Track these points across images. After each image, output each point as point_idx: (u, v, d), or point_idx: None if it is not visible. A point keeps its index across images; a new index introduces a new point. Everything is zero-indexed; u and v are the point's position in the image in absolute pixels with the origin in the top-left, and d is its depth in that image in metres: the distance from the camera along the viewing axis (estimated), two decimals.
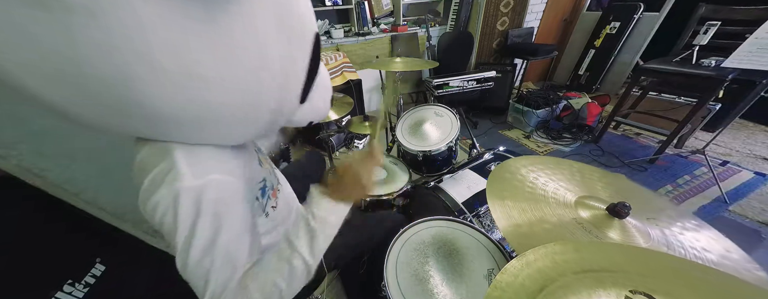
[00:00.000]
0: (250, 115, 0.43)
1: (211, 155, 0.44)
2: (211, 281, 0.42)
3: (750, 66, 1.47)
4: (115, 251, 0.93)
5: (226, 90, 0.37)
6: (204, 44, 0.32)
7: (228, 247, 0.43)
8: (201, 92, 0.35)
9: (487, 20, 2.84)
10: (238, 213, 0.45)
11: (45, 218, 0.83)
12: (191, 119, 0.38)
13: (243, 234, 0.46)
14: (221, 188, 0.42)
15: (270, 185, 0.63)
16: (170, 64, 0.31)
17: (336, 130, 2.02)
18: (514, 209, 0.63)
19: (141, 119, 0.35)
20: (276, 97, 0.45)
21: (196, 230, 0.39)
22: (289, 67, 0.44)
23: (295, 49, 0.44)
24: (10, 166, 0.78)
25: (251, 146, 0.63)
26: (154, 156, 0.42)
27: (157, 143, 0.42)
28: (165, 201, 0.38)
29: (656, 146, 2.23)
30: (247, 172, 0.53)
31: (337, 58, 2.26)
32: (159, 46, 0.29)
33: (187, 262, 0.40)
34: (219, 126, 0.42)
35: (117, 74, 0.29)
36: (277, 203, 0.66)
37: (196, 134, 0.41)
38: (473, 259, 0.72)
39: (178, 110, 0.35)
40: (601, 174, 0.75)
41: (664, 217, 0.63)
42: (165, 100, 0.33)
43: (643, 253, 0.47)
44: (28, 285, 0.74)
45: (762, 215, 1.61)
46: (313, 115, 0.62)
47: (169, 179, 0.39)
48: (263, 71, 0.39)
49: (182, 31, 0.30)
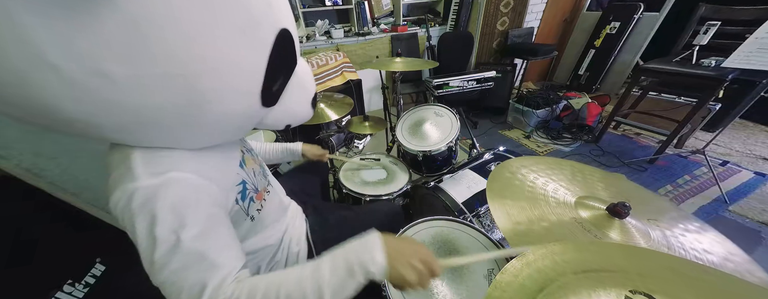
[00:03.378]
0: (192, 119, 0.39)
1: (172, 155, 0.43)
2: (184, 285, 0.38)
3: (750, 66, 1.46)
4: (115, 251, 0.92)
5: (145, 91, 0.33)
6: (100, 39, 0.28)
7: (197, 247, 0.39)
8: (113, 94, 0.31)
9: (487, 20, 2.84)
10: (205, 212, 0.42)
11: (45, 218, 0.83)
12: (115, 124, 0.35)
13: (215, 234, 0.43)
14: (181, 185, 0.40)
15: (253, 188, 0.60)
16: (65, 64, 0.28)
17: (336, 130, 2.02)
18: (514, 209, 0.63)
19: (61, 122, 0.33)
20: (222, 101, 0.40)
21: (156, 229, 0.37)
22: (232, 70, 0.39)
23: (242, 44, 0.38)
24: (10, 166, 0.78)
25: (233, 147, 0.60)
26: (115, 158, 0.41)
27: (119, 147, 0.42)
28: (121, 202, 0.38)
29: (656, 146, 2.23)
30: (219, 173, 0.49)
31: (337, 58, 2.25)
32: (48, 43, 0.27)
33: (153, 264, 0.37)
34: (159, 130, 0.39)
35: (16, 79, 0.28)
36: (264, 206, 0.64)
37: (139, 138, 0.39)
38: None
39: (91, 114, 0.33)
40: (601, 174, 0.75)
41: (665, 218, 0.63)
42: (72, 103, 0.31)
43: (643, 253, 0.47)
44: (28, 284, 0.74)
45: (762, 215, 1.60)
46: (288, 118, 0.58)
47: (126, 180, 0.38)
48: (191, 69, 0.35)
49: (68, 24, 0.27)
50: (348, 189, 1.12)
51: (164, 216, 0.37)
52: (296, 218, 0.82)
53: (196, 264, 0.39)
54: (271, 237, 0.68)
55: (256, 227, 0.62)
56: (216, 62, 0.36)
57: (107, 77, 0.30)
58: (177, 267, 0.38)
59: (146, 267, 0.38)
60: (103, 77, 0.30)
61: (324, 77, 2.17)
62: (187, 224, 0.39)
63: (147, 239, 0.37)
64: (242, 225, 0.58)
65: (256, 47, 0.41)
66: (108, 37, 0.28)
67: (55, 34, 0.27)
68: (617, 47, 2.95)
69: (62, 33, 0.27)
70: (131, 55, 0.30)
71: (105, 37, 0.28)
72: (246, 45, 0.39)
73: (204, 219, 0.41)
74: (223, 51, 0.36)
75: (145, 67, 0.31)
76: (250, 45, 0.40)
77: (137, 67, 0.31)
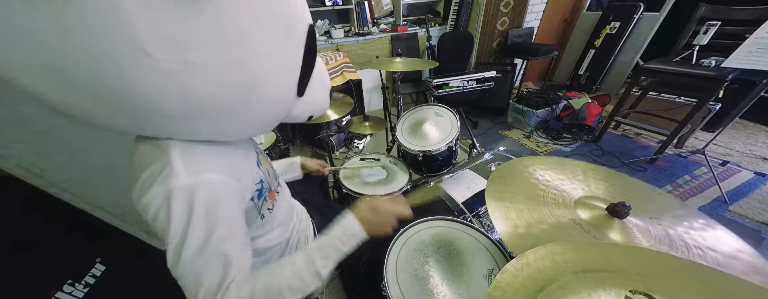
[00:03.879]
0: (242, 107, 0.42)
1: (206, 153, 0.44)
2: (204, 282, 0.41)
3: (750, 66, 1.47)
4: (115, 251, 0.93)
5: (214, 79, 0.35)
6: (189, 30, 0.31)
7: (221, 247, 0.42)
8: (188, 80, 0.34)
9: (487, 20, 2.84)
10: (231, 213, 0.45)
11: (45, 218, 0.83)
12: (180, 111, 0.37)
13: (236, 234, 0.46)
14: (214, 187, 0.42)
15: (267, 187, 0.62)
16: (156, 50, 0.30)
17: (336, 130, 2.02)
18: (513, 211, 0.63)
19: (129, 110, 0.34)
20: (269, 88, 0.43)
21: (189, 229, 0.39)
22: (281, 58, 0.43)
23: (287, 39, 0.43)
24: (9, 166, 0.78)
25: (251, 146, 0.62)
26: (150, 153, 0.41)
27: (154, 141, 0.42)
28: (158, 199, 0.38)
29: (656, 146, 2.23)
30: (243, 172, 0.52)
31: (337, 58, 2.25)
32: (145, 31, 0.28)
33: (179, 260, 0.39)
34: (212, 119, 0.41)
35: (102, 62, 0.29)
36: (275, 205, 0.65)
37: (189, 128, 0.41)
38: (473, 259, 0.72)
39: (165, 100, 0.34)
40: (602, 173, 0.75)
41: (668, 216, 0.62)
42: (151, 88, 0.32)
43: (643, 253, 0.47)
44: (28, 285, 0.74)
45: (762, 215, 1.60)
46: (312, 109, 0.61)
47: (164, 177, 0.39)
48: (252, 61, 0.38)
49: (166, 16, 0.29)
50: (348, 189, 1.12)
51: (199, 218, 0.40)
52: (302, 218, 0.83)
53: (218, 262, 0.42)
54: (279, 236, 0.69)
55: (266, 225, 0.63)
56: (274, 49, 0.40)
57: (190, 64, 0.32)
58: (200, 265, 0.41)
59: (171, 261, 0.40)
60: (187, 64, 0.32)
61: None
62: (217, 226, 0.41)
63: (179, 237, 0.39)
64: (254, 223, 0.59)
65: (297, 39, 0.45)
66: (195, 27, 0.31)
67: (153, 23, 0.28)
68: (617, 47, 2.95)
69: (158, 22, 0.29)
70: (213, 43, 0.33)
71: (193, 26, 0.31)
72: (293, 36, 0.44)
73: (230, 220, 0.44)
74: (279, 39, 0.41)
75: (221, 55, 0.34)
76: (293, 36, 0.44)
77: (215, 54, 0.34)
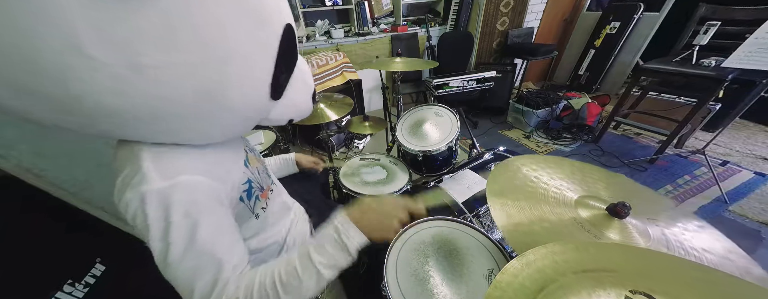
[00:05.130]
0: (206, 111, 0.40)
1: (183, 155, 0.43)
2: (196, 283, 0.41)
3: (750, 66, 1.47)
4: (115, 251, 0.92)
5: (171, 83, 0.34)
6: (140, 31, 0.29)
7: (208, 248, 0.42)
8: (142, 85, 0.32)
9: (487, 20, 2.84)
10: (214, 214, 0.44)
11: (45, 218, 0.83)
12: (142, 115, 0.35)
13: (223, 235, 0.45)
14: (193, 189, 0.41)
15: (258, 186, 0.61)
16: (100, 52, 0.28)
17: (336, 130, 2.02)
18: (514, 209, 0.63)
19: (84, 115, 0.33)
20: (235, 92, 0.41)
21: (170, 232, 0.38)
22: (247, 60, 0.41)
23: (254, 40, 0.41)
24: (10, 166, 0.78)
25: (239, 146, 0.61)
26: (125, 157, 0.41)
27: (127, 145, 0.42)
28: (133, 203, 0.38)
29: (656, 146, 2.23)
30: (228, 172, 0.51)
31: (337, 58, 2.25)
32: (85, 31, 0.27)
33: (166, 264, 0.39)
34: (176, 123, 0.39)
35: (36, 61, 0.27)
36: (268, 204, 0.65)
37: (156, 132, 0.40)
38: (473, 259, 0.72)
39: (119, 105, 0.33)
40: (601, 174, 0.75)
41: (666, 218, 0.63)
42: (102, 93, 0.31)
43: (643, 253, 0.47)
44: (28, 284, 0.74)
45: (762, 215, 1.60)
46: (292, 113, 0.60)
47: (136, 182, 0.38)
48: (212, 63, 0.36)
49: (110, 15, 0.27)
50: (348, 189, 1.12)
51: (178, 221, 0.39)
52: (299, 217, 0.82)
53: (207, 263, 0.42)
54: (275, 235, 0.69)
55: (261, 225, 0.63)
56: (238, 50, 0.38)
57: (141, 66, 0.31)
58: (189, 266, 0.40)
59: (160, 265, 0.40)
60: (137, 66, 0.31)
61: (324, 77, 2.17)
62: (199, 227, 0.41)
63: (161, 241, 0.39)
64: (248, 222, 0.59)
65: (270, 38, 0.43)
66: (144, 26, 0.29)
67: (94, 23, 0.27)
68: (617, 47, 2.95)
69: (100, 22, 0.27)
70: (165, 43, 0.31)
71: (141, 25, 0.29)
72: (262, 36, 0.42)
73: (214, 221, 0.44)
74: (243, 39, 0.38)
75: (176, 55, 0.32)
76: (265, 36, 0.42)
77: (170, 54, 0.32)
